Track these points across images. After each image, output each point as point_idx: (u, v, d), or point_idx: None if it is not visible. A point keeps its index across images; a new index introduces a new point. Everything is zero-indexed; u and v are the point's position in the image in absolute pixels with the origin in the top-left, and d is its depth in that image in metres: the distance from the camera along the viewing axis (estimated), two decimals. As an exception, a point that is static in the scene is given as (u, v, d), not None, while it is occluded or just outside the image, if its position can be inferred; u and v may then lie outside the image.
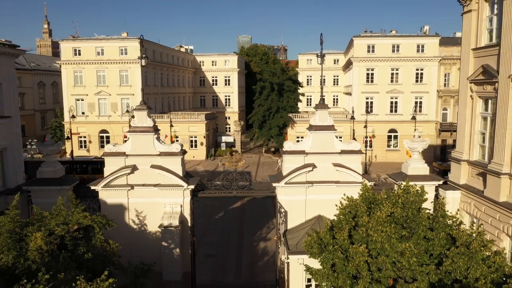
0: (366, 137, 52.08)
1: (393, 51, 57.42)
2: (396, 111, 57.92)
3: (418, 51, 56.78)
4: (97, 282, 8.73)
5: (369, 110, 57.52)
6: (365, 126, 49.72)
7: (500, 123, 16.78)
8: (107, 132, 59.67)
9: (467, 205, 19.11)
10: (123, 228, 18.50)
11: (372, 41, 58.52)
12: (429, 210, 13.01)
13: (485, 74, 17.90)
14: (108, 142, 59.41)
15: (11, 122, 19.92)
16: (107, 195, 19.19)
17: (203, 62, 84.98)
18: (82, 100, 58.88)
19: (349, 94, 63.94)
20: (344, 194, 14.63)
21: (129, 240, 18.67)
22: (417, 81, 57.02)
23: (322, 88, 21.01)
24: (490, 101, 18.04)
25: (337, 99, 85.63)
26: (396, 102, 57.90)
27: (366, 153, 51.60)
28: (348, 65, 68.12)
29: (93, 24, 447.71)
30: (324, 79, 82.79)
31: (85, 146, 59.44)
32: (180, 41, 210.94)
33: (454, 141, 27.98)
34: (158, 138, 19.47)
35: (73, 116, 43.91)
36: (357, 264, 11.12)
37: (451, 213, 13.27)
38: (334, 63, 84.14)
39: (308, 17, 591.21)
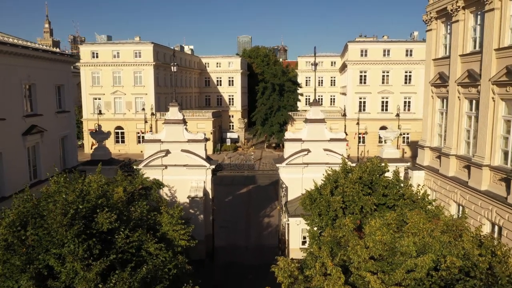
0: (359, 133, 57.33)
1: (384, 55, 62.62)
2: (386, 109, 63.09)
3: (407, 55, 61.97)
4: (173, 207, 13.83)
5: (362, 109, 62.76)
6: (357, 123, 54.93)
7: (450, 116, 22.05)
8: (122, 129, 64.89)
9: (429, 181, 24.38)
10: (159, 199, 23.70)
11: (365, 46, 63.76)
12: (390, 177, 18.23)
13: (441, 79, 23.17)
14: (123, 138, 64.82)
15: (70, 115, 25.16)
16: (146, 173, 24.37)
17: (208, 63, 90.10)
18: (99, 99, 64.14)
19: (345, 94, 69.17)
20: (331, 168, 19.96)
21: (164, 208, 23.91)
22: (406, 82, 62.21)
23: (315, 90, 26.54)
24: (445, 100, 23.31)
25: (334, 99, 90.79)
26: (386, 102, 63.10)
27: (358, 148, 56.92)
28: (343, 68, 73.36)
29: (93, 24, 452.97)
30: (321, 80, 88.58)
31: (101, 141, 64.57)
32: (180, 41, 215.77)
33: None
34: (186, 128, 24.72)
35: (100, 113, 48.70)
36: (335, 209, 16.42)
37: (406, 181, 18.56)
38: (332, 65, 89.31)
39: (308, 17, 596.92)
